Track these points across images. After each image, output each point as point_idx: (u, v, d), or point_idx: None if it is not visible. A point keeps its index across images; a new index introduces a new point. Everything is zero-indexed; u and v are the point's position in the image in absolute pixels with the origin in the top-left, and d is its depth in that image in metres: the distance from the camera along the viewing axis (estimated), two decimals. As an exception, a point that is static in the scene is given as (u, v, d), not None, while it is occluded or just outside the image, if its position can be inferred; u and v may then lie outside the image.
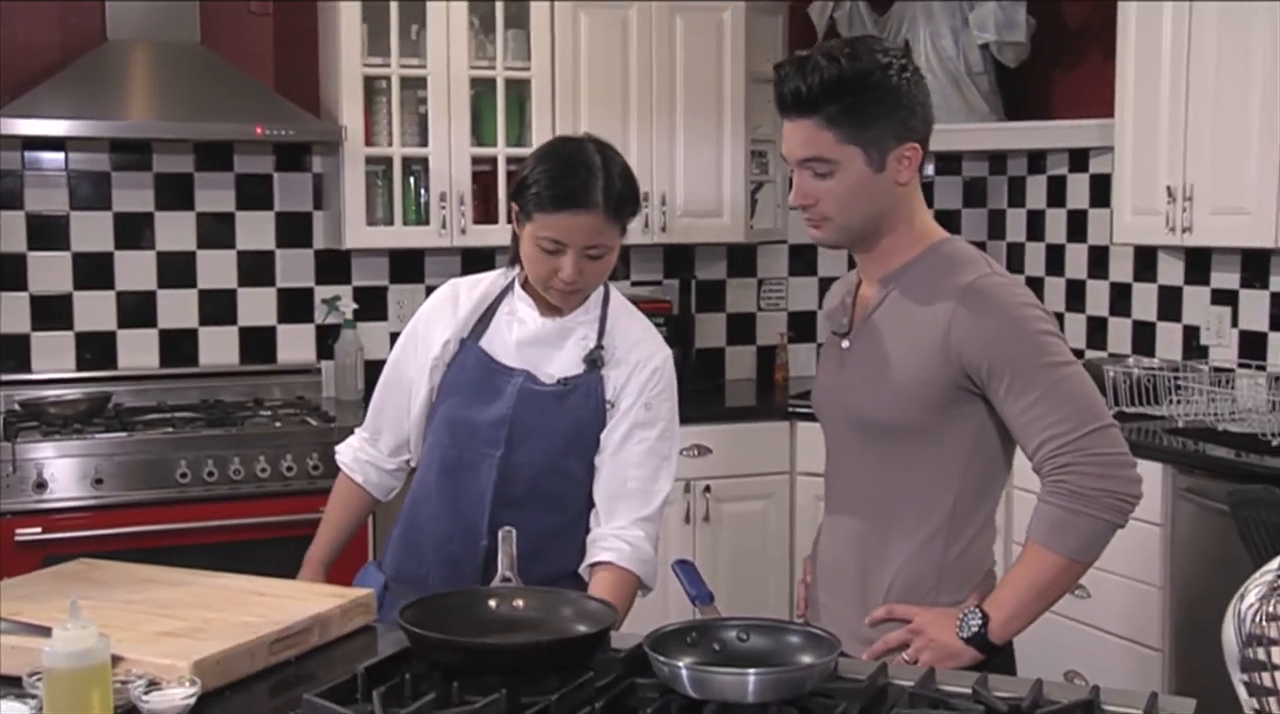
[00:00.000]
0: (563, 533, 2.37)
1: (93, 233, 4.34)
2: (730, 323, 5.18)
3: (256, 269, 4.55)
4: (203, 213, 4.47)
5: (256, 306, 4.56)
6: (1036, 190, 5.07)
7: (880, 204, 2.08)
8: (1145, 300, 4.59)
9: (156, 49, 4.15)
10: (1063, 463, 1.98)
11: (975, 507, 2.10)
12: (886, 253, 2.13)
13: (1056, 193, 4.97)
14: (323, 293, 4.62)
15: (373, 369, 4.35)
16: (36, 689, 1.63)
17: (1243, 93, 3.72)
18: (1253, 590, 1.52)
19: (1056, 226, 4.98)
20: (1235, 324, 4.22)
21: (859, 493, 2.16)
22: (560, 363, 2.37)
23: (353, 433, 2.62)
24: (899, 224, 2.11)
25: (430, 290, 2.55)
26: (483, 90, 4.43)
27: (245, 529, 3.80)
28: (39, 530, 3.64)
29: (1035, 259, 5.09)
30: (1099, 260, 4.78)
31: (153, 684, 1.67)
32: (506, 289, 2.42)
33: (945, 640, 2.02)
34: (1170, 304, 4.49)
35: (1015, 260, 5.16)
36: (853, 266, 2.25)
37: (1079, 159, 4.82)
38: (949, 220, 5.15)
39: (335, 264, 4.61)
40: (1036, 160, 5.05)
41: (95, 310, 4.36)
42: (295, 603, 2.01)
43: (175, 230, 4.44)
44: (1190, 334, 4.40)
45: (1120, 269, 4.68)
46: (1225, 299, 4.26)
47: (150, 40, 4.14)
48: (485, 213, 4.45)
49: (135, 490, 3.77)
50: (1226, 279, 4.25)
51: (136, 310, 4.41)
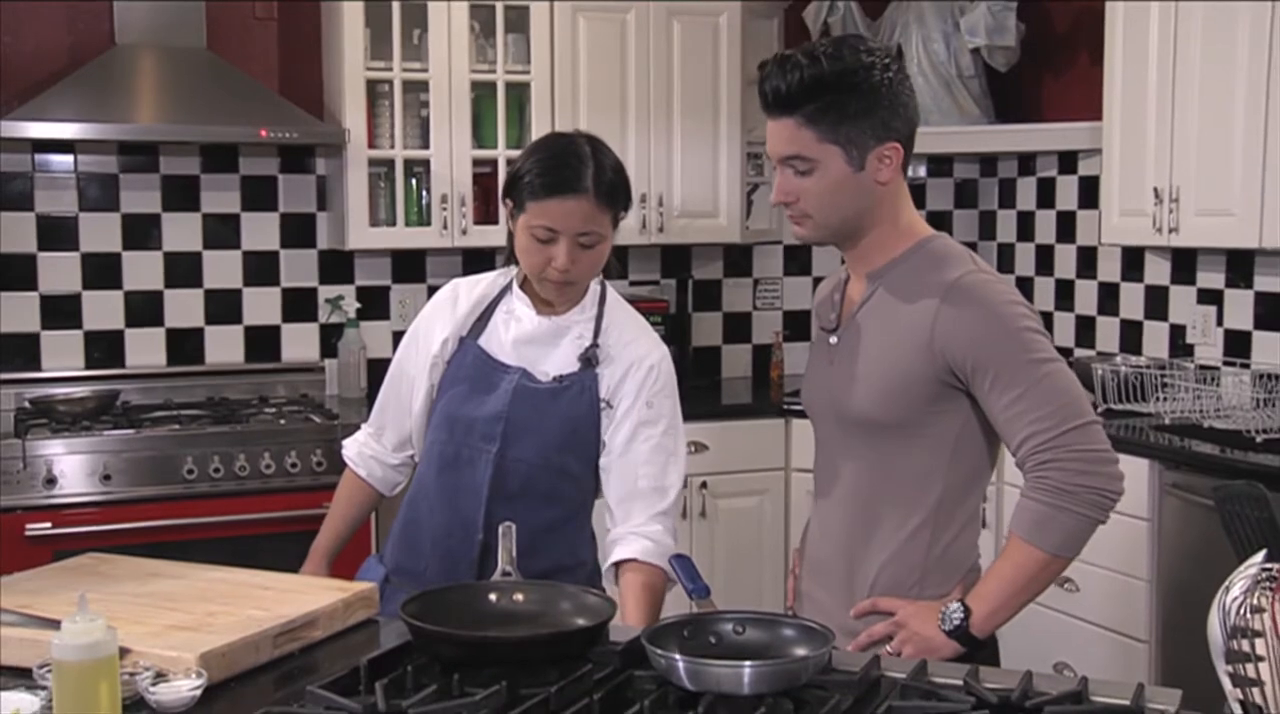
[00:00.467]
0: (559, 528, 2.38)
1: (101, 234, 4.37)
2: (726, 322, 5.20)
3: (261, 269, 4.57)
4: (209, 214, 4.49)
5: (261, 306, 4.58)
6: (1026, 192, 5.09)
7: (861, 202, 2.07)
8: (1133, 300, 4.60)
9: (163, 53, 4.17)
10: (1045, 459, 1.97)
11: (960, 501, 2.11)
12: (872, 250, 2.13)
13: (1046, 194, 4.98)
14: (326, 292, 4.64)
15: (375, 367, 4.42)
16: (46, 681, 1.64)
17: (1228, 96, 3.73)
18: (1237, 584, 1.55)
19: (1046, 227, 4.99)
20: (1220, 323, 4.24)
21: (846, 487, 2.16)
22: (556, 361, 2.38)
23: (357, 429, 2.64)
24: (883, 221, 2.10)
25: (432, 290, 2.57)
26: (483, 93, 4.45)
27: (250, 524, 3.83)
28: (49, 525, 3.67)
29: (1025, 259, 5.11)
30: (1087, 260, 4.80)
31: (159, 676, 1.68)
32: (505, 289, 2.44)
33: (927, 633, 2.03)
34: (1157, 303, 4.50)
35: (1005, 261, 5.18)
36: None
37: (1068, 161, 4.84)
38: (940, 221, 5.17)
39: (338, 264, 4.64)
40: (1026, 162, 5.06)
41: (103, 310, 4.38)
42: (299, 597, 2.01)
43: (182, 231, 4.46)
44: (1176, 333, 4.41)
45: (1108, 269, 4.70)
46: (1211, 299, 4.27)
47: (157, 45, 4.16)
48: (486, 214, 4.47)
49: (143, 486, 3.80)
50: (1212, 279, 4.26)
51: (144, 310, 4.43)
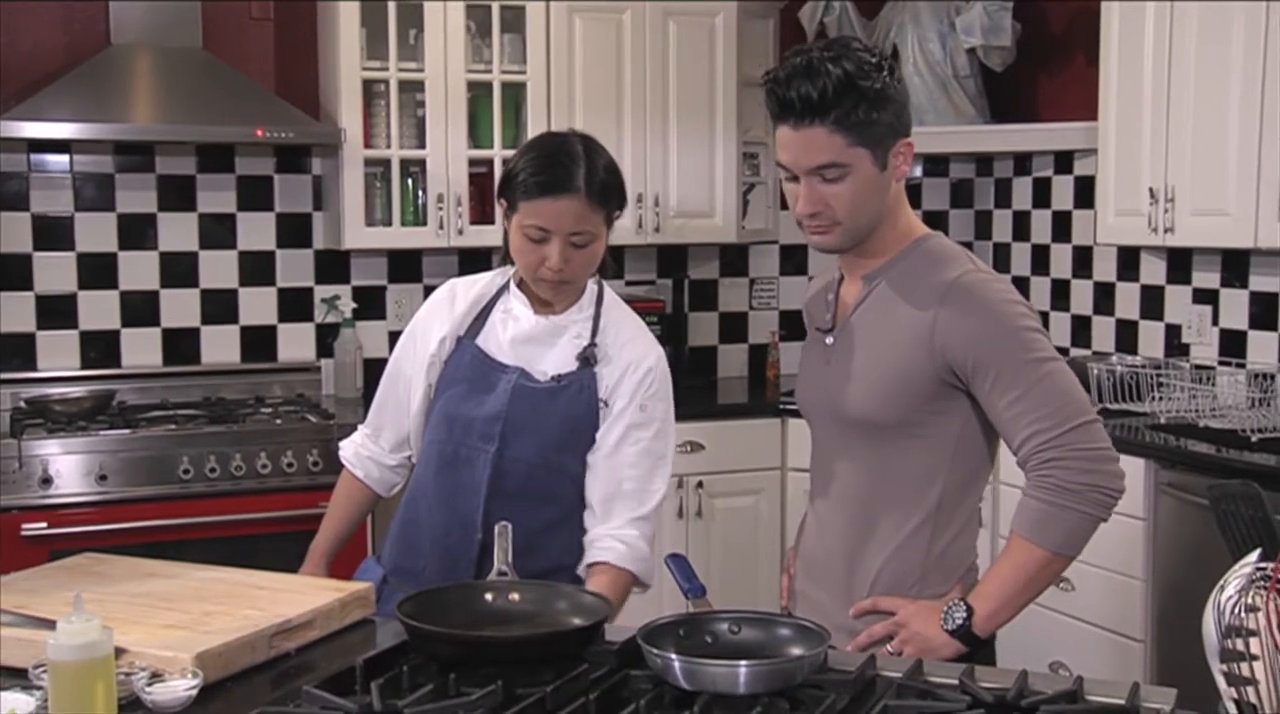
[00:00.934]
0: (557, 527, 2.37)
1: (97, 234, 4.37)
2: (722, 321, 5.20)
3: (257, 269, 4.57)
4: (204, 214, 4.49)
5: (257, 306, 4.58)
6: (1022, 192, 5.09)
7: (882, 203, 2.08)
8: (1128, 299, 4.61)
9: (159, 53, 4.17)
10: (1047, 458, 1.98)
11: (960, 500, 2.11)
12: (871, 250, 2.13)
13: (1041, 194, 4.99)
14: (322, 292, 4.64)
15: (371, 367, 4.43)
16: (41, 681, 1.63)
17: (1222, 96, 3.74)
18: (1232, 583, 1.55)
19: (1042, 227, 5.00)
20: (1216, 322, 4.24)
21: (845, 487, 2.16)
22: (554, 360, 2.37)
23: (353, 429, 2.64)
24: (884, 221, 2.11)
25: (428, 290, 2.57)
26: (479, 93, 4.45)
27: (246, 524, 3.83)
28: (44, 525, 3.67)
29: (1021, 259, 5.12)
30: (1083, 260, 4.80)
31: (155, 676, 1.68)
32: (502, 288, 2.44)
33: (929, 633, 2.03)
34: (1152, 303, 4.50)
35: (1001, 260, 5.18)
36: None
37: (1063, 161, 4.84)
38: (936, 221, 5.18)
39: (334, 264, 4.64)
40: (1022, 162, 5.06)
41: (99, 310, 4.39)
42: (295, 596, 2.01)
43: (178, 231, 4.46)
44: (1172, 332, 4.42)
45: (1104, 269, 4.70)
46: (1206, 298, 4.28)
47: (153, 45, 4.16)
48: (482, 214, 4.47)
49: (139, 486, 3.80)
50: (1207, 279, 4.27)
51: (140, 310, 4.43)
